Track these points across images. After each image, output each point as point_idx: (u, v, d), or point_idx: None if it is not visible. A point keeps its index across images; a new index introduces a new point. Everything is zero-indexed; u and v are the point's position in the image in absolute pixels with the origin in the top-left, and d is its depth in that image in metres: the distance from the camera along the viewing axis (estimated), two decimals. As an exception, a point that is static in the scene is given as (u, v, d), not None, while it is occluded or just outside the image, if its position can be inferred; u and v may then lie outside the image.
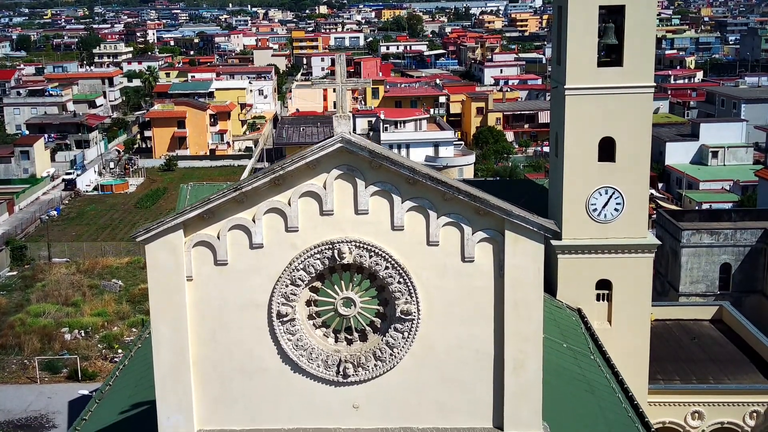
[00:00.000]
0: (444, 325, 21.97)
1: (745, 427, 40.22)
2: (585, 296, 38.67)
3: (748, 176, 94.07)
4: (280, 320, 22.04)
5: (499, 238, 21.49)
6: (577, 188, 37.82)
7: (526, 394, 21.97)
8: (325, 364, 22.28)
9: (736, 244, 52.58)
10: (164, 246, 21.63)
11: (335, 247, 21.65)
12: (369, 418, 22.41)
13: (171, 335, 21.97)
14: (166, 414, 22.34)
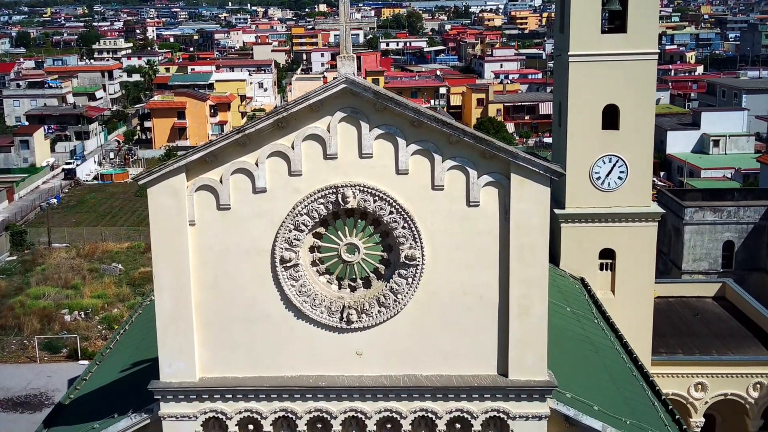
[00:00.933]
0: (448, 271, 21.76)
1: (749, 398, 39.91)
2: (588, 266, 38.43)
3: (750, 164, 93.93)
4: (283, 266, 21.82)
5: (505, 181, 21.28)
6: (580, 156, 37.59)
7: (531, 341, 21.75)
8: (329, 311, 22.06)
9: (738, 222, 52.35)
10: (166, 190, 21.41)
11: (339, 191, 21.43)
12: (372, 366, 22.20)
13: (173, 281, 21.75)
14: (167, 361, 22.13)
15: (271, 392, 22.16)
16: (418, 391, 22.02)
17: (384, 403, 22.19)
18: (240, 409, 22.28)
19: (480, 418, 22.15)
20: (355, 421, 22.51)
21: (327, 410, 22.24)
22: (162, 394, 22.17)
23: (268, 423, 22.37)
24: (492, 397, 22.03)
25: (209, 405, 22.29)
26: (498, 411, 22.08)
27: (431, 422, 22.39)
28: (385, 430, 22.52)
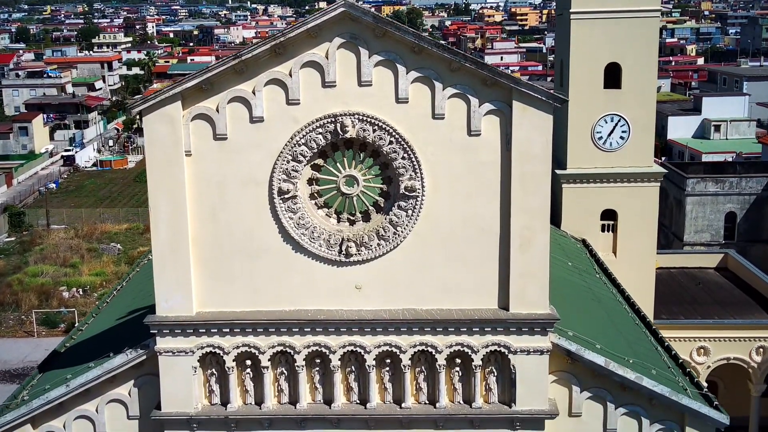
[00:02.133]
0: (449, 202, 21.41)
1: (752, 362, 39.56)
2: (590, 227, 38.12)
3: (751, 149, 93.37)
4: (281, 197, 21.46)
5: (506, 109, 20.92)
6: (582, 116, 37.25)
7: (532, 273, 21.40)
8: (328, 244, 21.71)
9: (741, 193, 51.97)
10: (162, 118, 21.06)
11: (338, 120, 21.07)
12: (372, 300, 21.86)
13: (169, 212, 21.40)
14: (164, 295, 21.79)
15: (269, 326, 21.81)
16: (418, 324, 21.68)
17: (383, 337, 21.85)
18: (237, 344, 21.94)
19: (480, 353, 21.80)
20: (354, 356, 22.17)
21: (325, 344, 21.89)
22: (158, 329, 21.83)
23: (266, 358, 22.02)
24: (493, 330, 21.69)
25: (206, 340, 21.94)
26: (499, 345, 21.74)
27: (431, 358, 22.05)
28: (384, 365, 22.17)
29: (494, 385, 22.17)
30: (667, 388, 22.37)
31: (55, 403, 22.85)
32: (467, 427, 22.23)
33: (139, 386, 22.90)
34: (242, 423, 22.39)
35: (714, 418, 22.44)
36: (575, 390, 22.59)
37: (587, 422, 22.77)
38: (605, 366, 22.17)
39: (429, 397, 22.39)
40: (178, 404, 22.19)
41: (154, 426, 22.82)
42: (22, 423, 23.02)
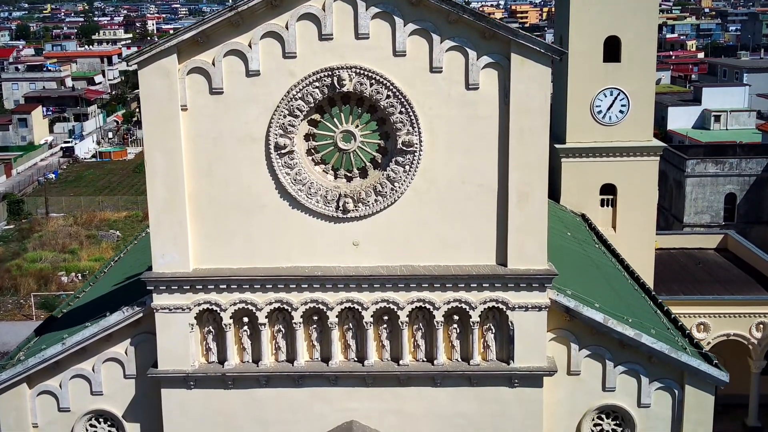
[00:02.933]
0: (446, 157, 21.27)
1: (752, 339, 39.41)
2: (589, 201, 37.94)
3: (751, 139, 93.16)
4: (278, 153, 21.33)
5: (505, 62, 20.78)
6: (581, 90, 37.08)
7: (530, 228, 21.27)
8: (325, 200, 21.58)
9: (741, 174, 51.81)
10: (157, 71, 20.93)
11: (335, 74, 20.93)
12: (369, 256, 21.72)
13: (165, 167, 21.26)
14: (160, 251, 21.66)
15: (266, 282, 21.68)
16: (416, 280, 21.55)
17: (380, 293, 21.71)
18: (234, 300, 21.80)
19: (478, 309, 21.68)
20: (351, 313, 22.04)
21: (323, 301, 21.76)
22: (155, 285, 21.70)
23: (263, 315, 21.89)
24: (491, 286, 21.56)
25: (203, 296, 21.81)
26: (496, 301, 21.61)
27: (429, 315, 21.93)
28: (381, 323, 22.05)
29: (492, 342, 22.05)
30: (667, 346, 22.25)
31: (51, 362, 22.74)
32: (465, 385, 22.10)
33: (136, 345, 22.79)
34: (239, 380, 22.26)
35: (714, 376, 22.32)
36: (574, 348, 22.47)
37: (586, 381, 22.65)
38: (604, 323, 22.05)
39: (427, 354, 22.27)
40: (174, 362, 22.07)
41: (150, 385, 22.72)
42: (17, 382, 22.91)
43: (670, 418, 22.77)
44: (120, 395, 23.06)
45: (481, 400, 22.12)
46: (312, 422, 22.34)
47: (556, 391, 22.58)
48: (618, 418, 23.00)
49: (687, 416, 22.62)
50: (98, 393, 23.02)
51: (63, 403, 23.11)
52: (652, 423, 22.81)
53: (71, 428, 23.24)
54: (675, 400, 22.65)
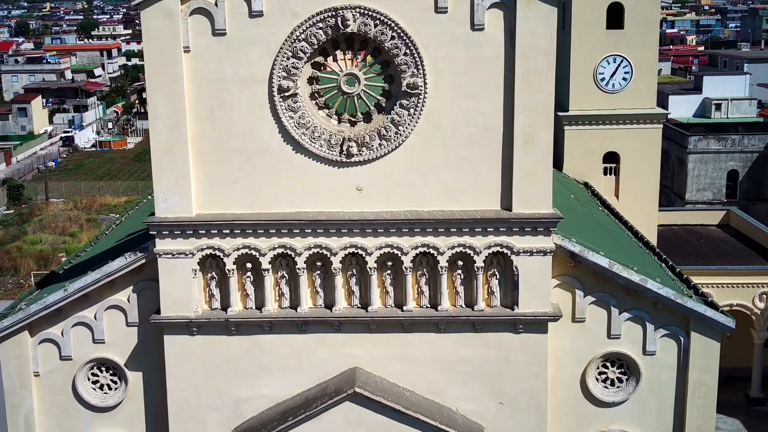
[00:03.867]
0: (451, 100, 21.12)
1: (755, 309, 39.29)
2: (592, 170, 37.85)
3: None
4: (281, 96, 21.17)
5: (510, 2, 20.61)
6: (584, 57, 36.96)
7: (536, 172, 21.12)
8: (328, 144, 21.42)
9: (743, 150, 51.70)
10: (160, 12, 20.76)
11: (339, 14, 20.76)
12: (373, 202, 21.58)
13: (168, 110, 21.10)
14: (163, 195, 21.51)
15: (269, 227, 21.53)
16: (420, 224, 21.40)
17: (384, 238, 21.56)
18: (237, 246, 21.65)
19: (482, 254, 21.52)
20: (355, 259, 21.89)
21: (326, 246, 21.61)
22: (157, 230, 21.55)
23: (266, 261, 21.74)
24: (495, 230, 21.41)
25: (206, 241, 21.66)
26: (501, 246, 21.46)
27: (432, 260, 21.77)
28: (385, 269, 21.89)
29: (496, 288, 21.90)
30: (672, 291, 22.11)
31: (53, 309, 22.60)
32: (469, 330, 21.96)
33: (138, 292, 22.64)
34: (243, 327, 22.12)
35: (720, 322, 22.19)
36: (578, 295, 22.33)
37: (591, 328, 22.52)
38: (609, 268, 21.91)
39: (431, 301, 22.13)
40: (177, 308, 21.91)
41: (153, 333, 22.59)
42: (19, 330, 22.77)
43: (675, 366, 22.64)
44: (122, 343, 22.91)
45: (485, 346, 21.98)
46: (315, 368, 22.20)
47: (560, 338, 22.45)
48: (623, 366, 22.86)
49: (692, 363, 22.49)
50: (100, 341, 22.87)
51: (65, 352, 22.97)
52: (657, 371, 22.68)
53: (73, 377, 23.08)
54: (680, 347, 22.53)
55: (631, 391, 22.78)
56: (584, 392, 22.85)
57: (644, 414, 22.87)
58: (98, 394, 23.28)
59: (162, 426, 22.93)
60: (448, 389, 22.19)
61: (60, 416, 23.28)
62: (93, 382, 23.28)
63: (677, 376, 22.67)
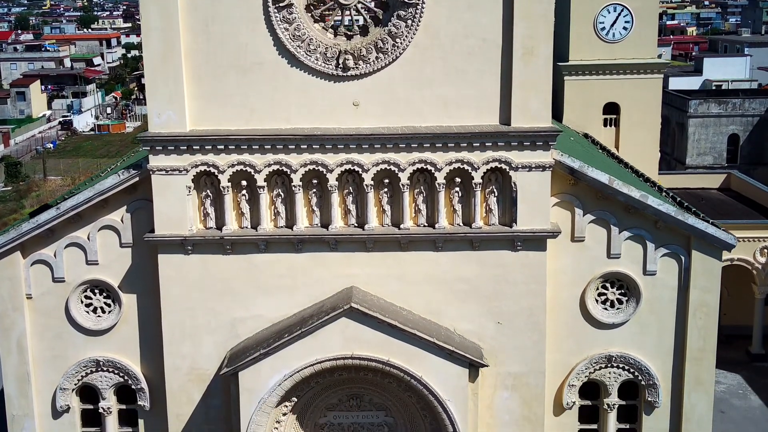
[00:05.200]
0: (449, 11, 20.79)
1: (756, 263, 38.99)
2: (592, 121, 37.48)
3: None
4: (276, 6, 20.84)
5: None
6: (584, 6, 36.59)
7: (535, 84, 20.81)
8: (324, 57, 21.10)
9: (744, 114, 51.38)
10: None
11: (335, -77, 20.45)
12: (370, 117, 21.27)
13: (161, 22, 20.78)
14: (156, 110, 21.21)
15: (264, 142, 21.22)
16: (417, 139, 21.09)
17: (381, 154, 21.25)
18: (232, 162, 21.34)
19: (481, 170, 21.22)
20: (351, 177, 21.58)
21: (322, 162, 21.29)
22: (151, 145, 21.25)
23: (261, 178, 21.43)
24: (494, 145, 21.10)
25: (200, 157, 21.35)
26: (499, 161, 21.16)
27: (430, 178, 21.47)
28: (382, 187, 21.59)
29: (495, 206, 21.58)
30: (673, 208, 21.84)
31: (45, 229, 22.30)
32: (467, 249, 21.66)
33: (132, 212, 22.34)
34: (238, 246, 21.81)
35: (721, 239, 21.91)
36: (578, 213, 22.04)
37: (591, 248, 22.22)
38: (609, 184, 21.61)
39: (428, 219, 21.82)
40: (172, 226, 21.61)
41: (147, 253, 22.31)
42: (11, 250, 22.47)
43: (676, 286, 22.35)
44: (116, 265, 22.60)
45: (483, 264, 21.69)
46: (312, 288, 21.90)
47: (559, 259, 22.16)
48: (623, 287, 22.57)
49: (694, 283, 22.20)
50: (93, 262, 22.56)
51: (57, 273, 22.66)
52: (658, 292, 22.39)
53: (66, 300, 22.77)
54: (681, 267, 22.23)
55: (631, 313, 22.50)
56: (584, 314, 22.56)
57: (644, 336, 22.58)
58: (92, 317, 22.98)
59: (156, 349, 22.64)
60: (446, 309, 21.90)
61: (53, 340, 22.98)
62: (86, 305, 22.97)
63: (678, 297, 22.38)
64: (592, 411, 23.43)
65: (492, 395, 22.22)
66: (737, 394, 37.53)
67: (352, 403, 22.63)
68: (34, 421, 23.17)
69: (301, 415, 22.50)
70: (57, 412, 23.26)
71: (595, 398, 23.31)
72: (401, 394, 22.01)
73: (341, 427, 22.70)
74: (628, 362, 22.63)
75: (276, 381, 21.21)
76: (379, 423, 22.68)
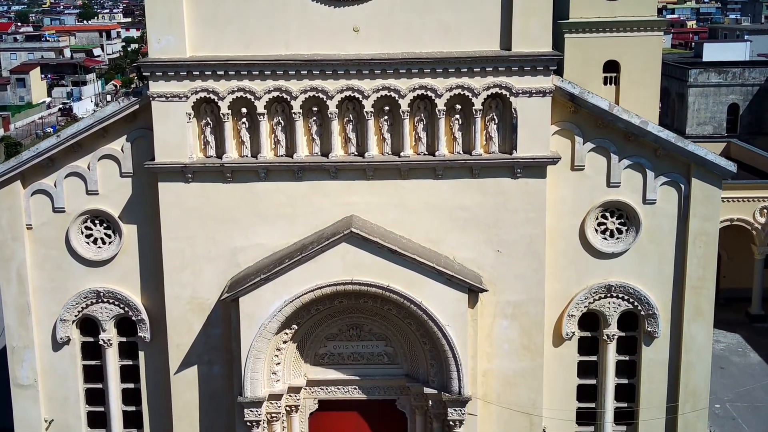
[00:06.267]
0: (449, -65, 20.78)
1: (755, 223, 39.05)
2: (592, 79, 37.25)
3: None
4: (276, -70, 20.82)
5: None
6: (583, -37, 36.62)
7: (536, 9, 20.83)
8: (324, -18, 21.10)
9: (744, 83, 51.36)
10: None
11: None
12: (370, 44, 21.27)
13: (162, -54, 20.79)
14: (156, 35, 21.24)
15: (264, 68, 21.22)
16: (417, 64, 21.09)
17: (381, 80, 21.25)
18: (232, 88, 21.35)
19: (481, 96, 21.23)
20: (351, 105, 21.59)
21: (323, 89, 21.30)
22: (150, 70, 21.27)
23: (261, 105, 21.44)
24: (494, 70, 21.11)
25: (200, 83, 21.36)
26: (500, 87, 21.17)
27: (430, 105, 21.48)
28: (382, 114, 21.59)
29: (495, 133, 21.60)
30: (673, 135, 21.84)
31: (45, 158, 22.31)
32: (467, 176, 21.67)
33: (132, 141, 22.35)
34: (238, 173, 21.82)
35: (721, 165, 21.94)
36: (578, 141, 22.05)
37: (590, 176, 22.23)
38: (609, 110, 21.64)
39: (428, 148, 21.83)
40: (172, 154, 21.63)
41: (147, 183, 22.32)
42: (11, 179, 22.49)
43: (675, 215, 22.37)
44: (116, 194, 22.61)
45: (483, 192, 21.70)
46: (311, 216, 21.92)
47: (559, 188, 22.16)
48: (623, 217, 22.58)
49: (693, 211, 22.22)
50: (94, 192, 22.56)
51: (57, 203, 22.66)
52: (657, 221, 22.40)
53: (66, 230, 22.77)
54: (681, 195, 22.26)
55: (631, 242, 22.51)
56: (583, 244, 22.57)
57: (644, 266, 22.59)
58: (92, 248, 22.99)
59: (157, 280, 22.65)
60: (446, 237, 21.92)
61: (53, 271, 22.98)
62: (86, 236, 22.97)
63: (678, 226, 22.40)
64: (592, 343, 23.44)
65: (491, 324, 22.24)
66: (737, 351, 37.59)
67: (352, 333, 22.64)
68: (34, 352, 23.17)
69: (302, 344, 22.51)
70: (57, 344, 23.27)
71: (595, 330, 23.32)
72: (401, 322, 22.03)
73: (341, 356, 22.71)
74: (627, 292, 22.65)
75: (276, 307, 21.23)
76: (378, 352, 22.70)
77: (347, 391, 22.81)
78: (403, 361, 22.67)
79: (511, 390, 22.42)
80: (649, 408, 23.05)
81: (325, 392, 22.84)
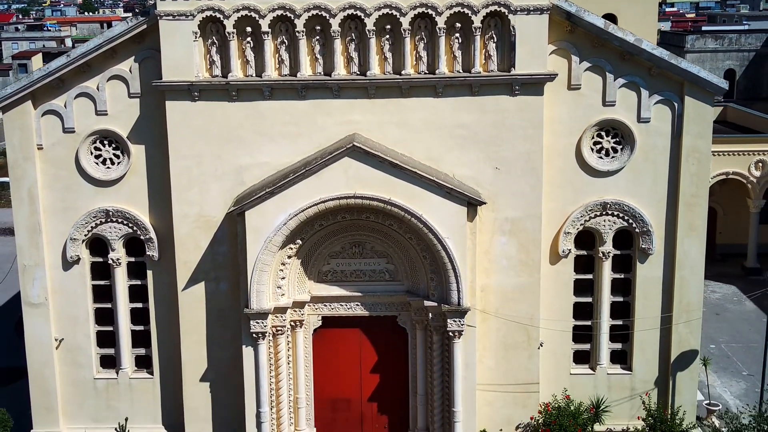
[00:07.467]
0: None
1: (750, 177, 39.65)
2: (589, 33, 37.99)
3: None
4: None
5: None
6: None
7: (533, -73, 21.40)
8: None
9: (740, 49, 52.00)
10: None
11: None
12: None
13: None
14: (163, -46, 21.81)
15: (269, -13, 21.81)
16: (418, -18, 21.68)
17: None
18: (237, 7, 21.93)
19: (480, 14, 21.82)
20: (354, 23, 22.18)
21: (325, 7, 21.88)
22: (158, -10, 21.86)
23: (266, 23, 22.02)
24: (493, -13, 21.70)
25: (206, 2, 21.95)
26: (499, 4, 21.74)
27: (431, 24, 22.06)
28: (384, 34, 22.16)
29: (494, 52, 22.18)
30: (667, 52, 22.42)
31: (55, 78, 22.87)
32: (467, 94, 22.26)
33: (140, 62, 22.89)
34: (243, 92, 22.41)
35: (713, 82, 22.55)
36: (574, 60, 22.62)
37: (587, 95, 22.81)
38: (605, 28, 22.21)
39: (429, 67, 22.40)
40: (179, 72, 22.21)
41: (155, 104, 22.89)
42: (22, 99, 23.04)
43: (669, 134, 22.96)
44: (124, 115, 23.18)
45: (482, 109, 22.28)
46: (315, 135, 22.50)
47: (556, 107, 22.74)
48: (618, 136, 23.17)
49: (686, 129, 22.82)
50: (103, 112, 23.14)
51: (68, 123, 23.24)
52: (651, 139, 22.98)
53: (76, 150, 23.34)
54: (675, 113, 22.84)
55: (626, 160, 23.08)
56: (579, 162, 23.15)
57: (639, 183, 23.18)
58: (101, 168, 23.57)
59: (165, 200, 23.24)
60: (445, 155, 22.51)
61: (63, 191, 23.56)
62: (96, 156, 23.55)
63: (671, 144, 22.98)
64: (588, 261, 24.03)
65: (490, 240, 22.83)
66: (732, 300, 38.23)
67: (355, 250, 23.23)
68: (44, 271, 23.74)
69: (306, 261, 23.10)
70: (67, 263, 23.86)
71: (591, 248, 23.91)
72: (402, 238, 22.62)
73: (344, 273, 23.31)
74: (622, 209, 23.24)
75: (281, 220, 21.82)
76: (380, 270, 23.29)
77: (350, 307, 23.41)
78: (404, 278, 23.26)
79: (509, 305, 23.02)
80: (643, 325, 23.63)
81: (329, 309, 23.44)
